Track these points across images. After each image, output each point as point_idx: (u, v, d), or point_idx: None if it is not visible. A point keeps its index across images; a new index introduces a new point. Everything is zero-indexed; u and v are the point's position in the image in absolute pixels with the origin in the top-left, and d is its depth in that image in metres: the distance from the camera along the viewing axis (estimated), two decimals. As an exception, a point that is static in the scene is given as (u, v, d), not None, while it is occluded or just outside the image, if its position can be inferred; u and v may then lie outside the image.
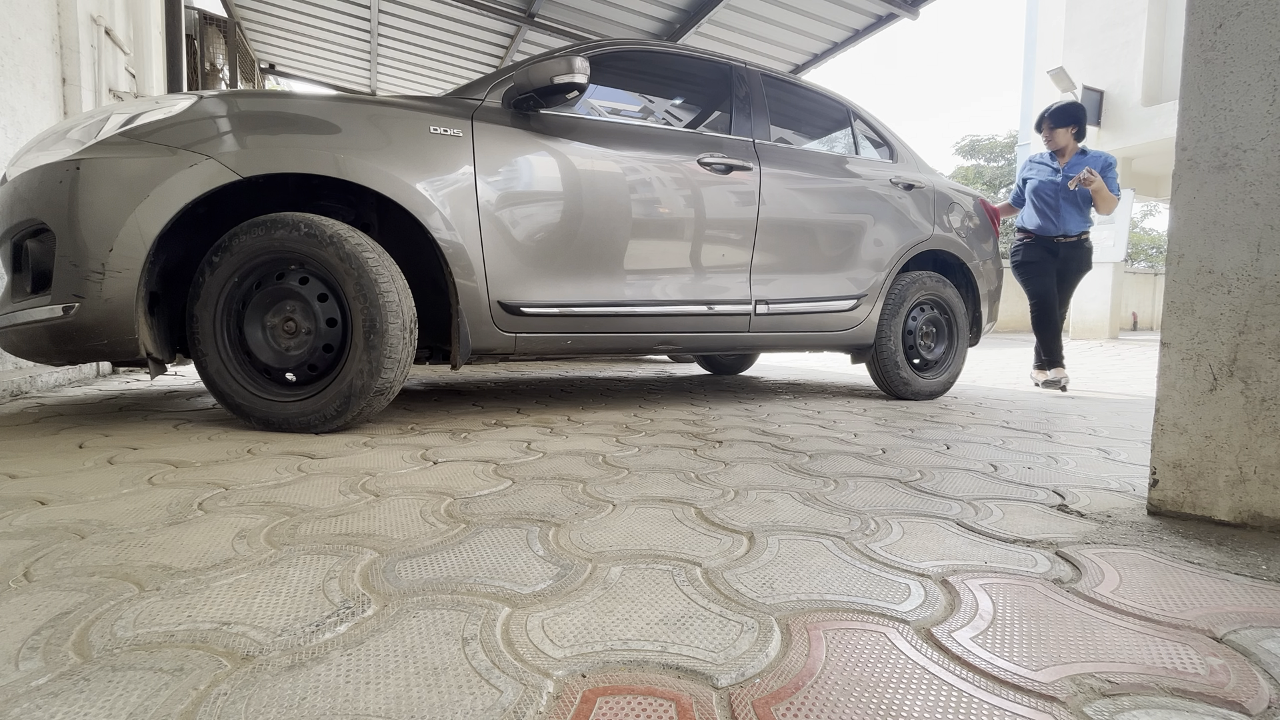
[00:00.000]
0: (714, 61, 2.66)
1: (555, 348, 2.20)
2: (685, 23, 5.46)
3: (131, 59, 3.69)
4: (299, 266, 1.83)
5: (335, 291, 1.83)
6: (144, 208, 1.65)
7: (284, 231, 1.77)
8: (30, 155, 1.76)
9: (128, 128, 1.69)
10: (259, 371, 1.86)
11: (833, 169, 2.81)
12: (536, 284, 2.10)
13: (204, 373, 1.81)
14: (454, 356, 2.02)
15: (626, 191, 2.26)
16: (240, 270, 1.79)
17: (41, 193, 1.66)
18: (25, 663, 0.60)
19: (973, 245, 3.17)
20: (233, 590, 0.76)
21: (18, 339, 1.77)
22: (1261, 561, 0.92)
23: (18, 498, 1.14)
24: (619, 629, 0.69)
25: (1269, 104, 1.02)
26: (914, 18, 5.30)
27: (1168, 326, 1.12)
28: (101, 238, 1.63)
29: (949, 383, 3.16)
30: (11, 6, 2.69)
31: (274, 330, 1.84)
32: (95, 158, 1.65)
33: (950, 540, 1.01)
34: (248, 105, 1.78)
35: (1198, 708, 0.57)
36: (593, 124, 2.27)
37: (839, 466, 1.53)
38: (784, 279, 2.63)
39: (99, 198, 1.64)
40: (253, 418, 1.82)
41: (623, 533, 1.01)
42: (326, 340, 1.84)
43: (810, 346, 2.84)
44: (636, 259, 2.29)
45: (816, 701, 0.57)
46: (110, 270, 1.64)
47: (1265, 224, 1.02)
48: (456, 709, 0.54)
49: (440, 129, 1.96)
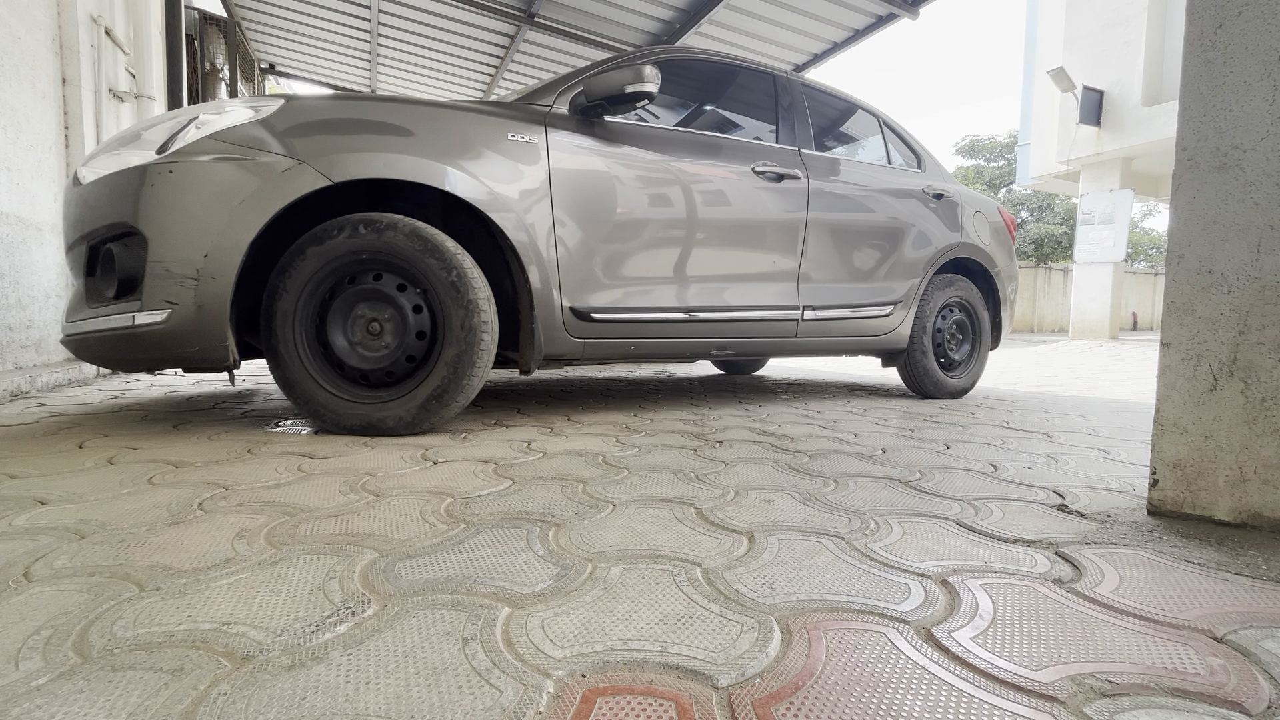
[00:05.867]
0: (758, 70, 2.71)
1: (620, 353, 2.22)
2: (685, 23, 5.46)
3: (131, 59, 3.69)
4: (385, 268, 1.82)
5: (425, 295, 1.83)
6: (239, 212, 1.62)
7: (374, 233, 1.76)
8: (105, 158, 1.73)
9: (218, 130, 1.66)
10: (336, 373, 1.84)
11: (871, 178, 2.88)
12: (605, 290, 2.13)
13: (282, 374, 1.77)
14: (526, 361, 2.04)
15: (688, 199, 2.29)
16: (323, 271, 1.77)
17: (131, 196, 1.62)
18: (25, 663, 0.60)
19: (994, 251, 3.28)
20: (233, 590, 0.76)
21: (99, 346, 1.71)
22: (1261, 561, 0.92)
23: (18, 498, 1.14)
24: (619, 629, 0.69)
25: (1269, 104, 1.02)
26: (914, 18, 5.30)
27: (1168, 326, 1.12)
28: (196, 243, 1.61)
29: (973, 382, 3.28)
30: (11, 6, 2.69)
31: (357, 332, 1.82)
32: (189, 161, 1.62)
33: (950, 540, 1.01)
34: (334, 109, 1.77)
35: (1198, 708, 0.57)
36: (654, 132, 2.30)
37: (839, 466, 1.53)
38: (828, 285, 2.70)
39: (194, 202, 1.61)
40: (332, 421, 1.79)
41: (623, 533, 1.01)
42: (414, 343, 1.84)
43: (848, 351, 2.91)
44: (696, 265, 2.33)
45: (816, 701, 0.57)
46: (205, 276, 1.61)
47: (1265, 224, 1.02)
48: (456, 709, 0.54)
49: (517, 136, 1.97)
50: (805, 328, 2.64)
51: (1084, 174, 11.50)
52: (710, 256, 2.36)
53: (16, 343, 2.71)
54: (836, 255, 2.70)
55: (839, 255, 2.71)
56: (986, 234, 3.26)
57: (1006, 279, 3.34)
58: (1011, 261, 3.41)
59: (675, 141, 2.32)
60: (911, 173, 3.11)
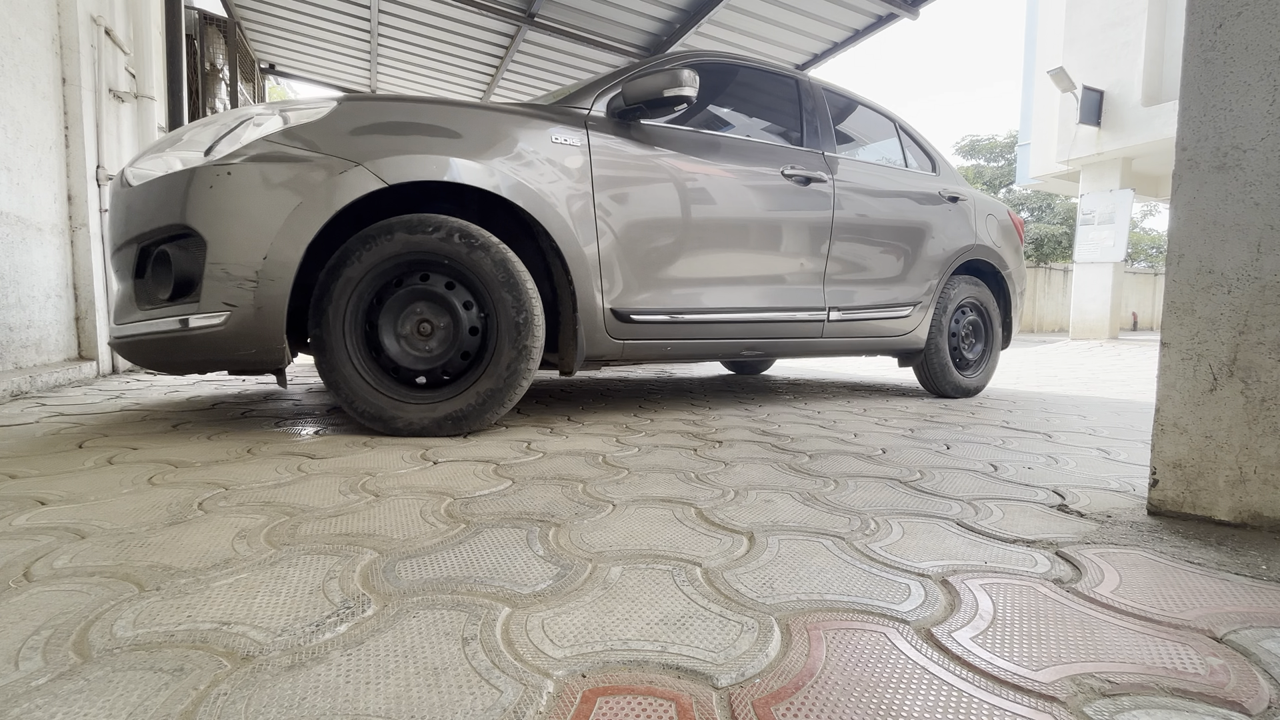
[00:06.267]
0: (782, 74, 2.75)
1: (656, 354, 2.25)
2: (685, 22, 5.46)
3: (131, 59, 3.69)
4: (432, 268, 1.82)
5: (476, 296, 1.85)
6: (297, 214, 1.62)
7: (426, 234, 1.77)
8: (151, 160, 1.72)
9: (273, 132, 1.66)
10: (386, 374, 1.84)
11: (891, 181, 2.93)
12: (644, 292, 2.15)
13: (331, 374, 1.76)
14: (569, 363, 2.06)
15: (722, 201, 2.32)
16: (374, 271, 1.77)
17: (188, 197, 1.61)
18: (25, 663, 0.60)
19: (1005, 253, 3.34)
20: (233, 590, 0.76)
21: (151, 349, 1.70)
22: (1261, 561, 0.92)
23: (18, 497, 1.14)
24: (619, 629, 0.69)
25: (1269, 104, 1.02)
26: (914, 18, 5.30)
27: (1168, 326, 1.12)
28: (256, 245, 1.60)
29: (986, 380, 3.37)
30: (11, 6, 2.69)
31: (408, 333, 1.83)
32: (248, 163, 1.62)
33: (950, 540, 1.01)
34: (387, 111, 1.77)
35: (1198, 708, 0.57)
36: (688, 135, 2.32)
37: (839, 466, 1.53)
38: (852, 287, 2.75)
39: (253, 204, 1.61)
40: (379, 421, 1.79)
41: (623, 533, 1.01)
42: (466, 345, 1.85)
43: (868, 351, 2.96)
44: (730, 266, 2.36)
45: (816, 701, 0.57)
46: (264, 278, 1.61)
47: (1265, 224, 1.02)
48: (456, 709, 0.54)
49: (561, 139, 1.99)
50: (830, 328, 2.69)
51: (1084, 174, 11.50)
52: (743, 258, 2.40)
53: (16, 343, 2.71)
54: (860, 257, 2.75)
55: (862, 257, 2.76)
56: (998, 236, 3.31)
57: (1016, 280, 3.42)
58: (1021, 262, 3.49)
59: (708, 144, 2.35)
60: (927, 176, 3.16)
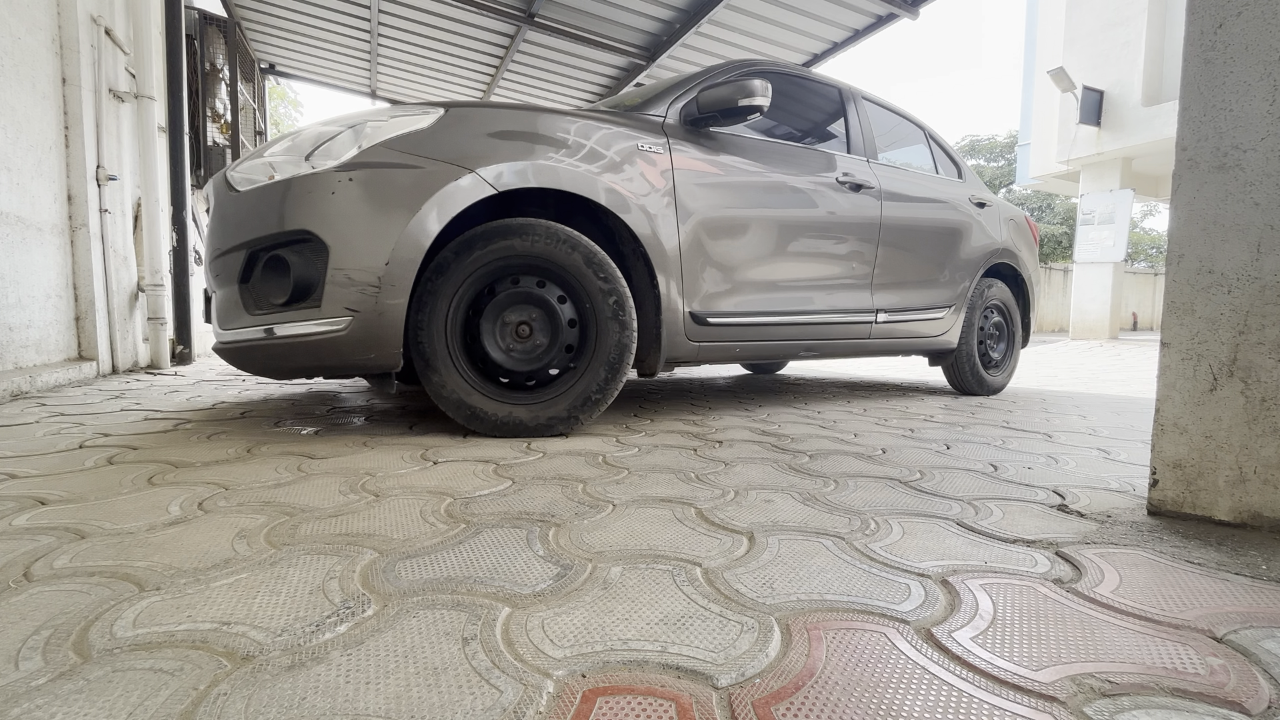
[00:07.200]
0: (826, 83, 2.84)
1: (725, 355, 2.31)
2: (685, 23, 5.47)
3: (131, 59, 3.69)
4: (525, 272, 1.85)
5: (572, 298, 1.89)
6: (418, 220, 1.64)
7: (530, 239, 1.80)
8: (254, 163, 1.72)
9: (389, 139, 1.67)
10: (483, 377, 1.87)
11: (928, 187, 3.03)
12: (719, 295, 2.21)
13: (432, 376, 1.78)
14: (652, 365, 2.12)
15: (786, 206, 2.39)
16: (475, 275, 1.79)
17: (308, 203, 1.62)
18: (25, 663, 0.60)
19: (1024, 256, 3.48)
20: (233, 590, 0.76)
21: (264, 354, 1.70)
22: (1261, 561, 0.92)
23: (18, 497, 1.14)
24: (619, 629, 0.69)
25: (1269, 104, 1.02)
26: (914, 18, 5.31)
27: (1168, 326, 1.12)
28: (379, 251, 1.62)
29: (1009, 378, 3.53)
30: (11, 6, 2.69)
31: (507, 336, 1.86)
32: (368, 169, 1.63)
33: (950, 540, 1.01)
34: (494, 119, 1.80)
35: (1198, 708, 0.57)
36: (752, 142, 2.38)
37: (839, 466, 1.53)
38: (896, 289, 2.83)
39: (376, 210, 1.62)
40: (479, 421, 1.81)
41: (623, 533, 1.01)
42: (566, 344, 1.89)
43: (905, 351, 3.05)
44: (793, 270, 2.44)
45: (816, 701, 0.57)
46: (386, 284, 1.63)
47: (1265, 224, 1.02)
48: (456, 709, 0.54)
49: (647, 146, 2.04)
50: (877, 329, 2.78)
51: (1084, 174, 11.50)
52: (805, 262, 2.47)
53: (16, 342, 2.71)
54: (903, 261, 2.84)
55: (905, 261, 2.85)
56: (1017, 239, 3.44)
57: (1033, 281, 3.55)
58: (1036, 264, 3.61)
59: (770, 151, 2.42)
60: (957, 182, 3.27)
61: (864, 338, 2.75)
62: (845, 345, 2.71)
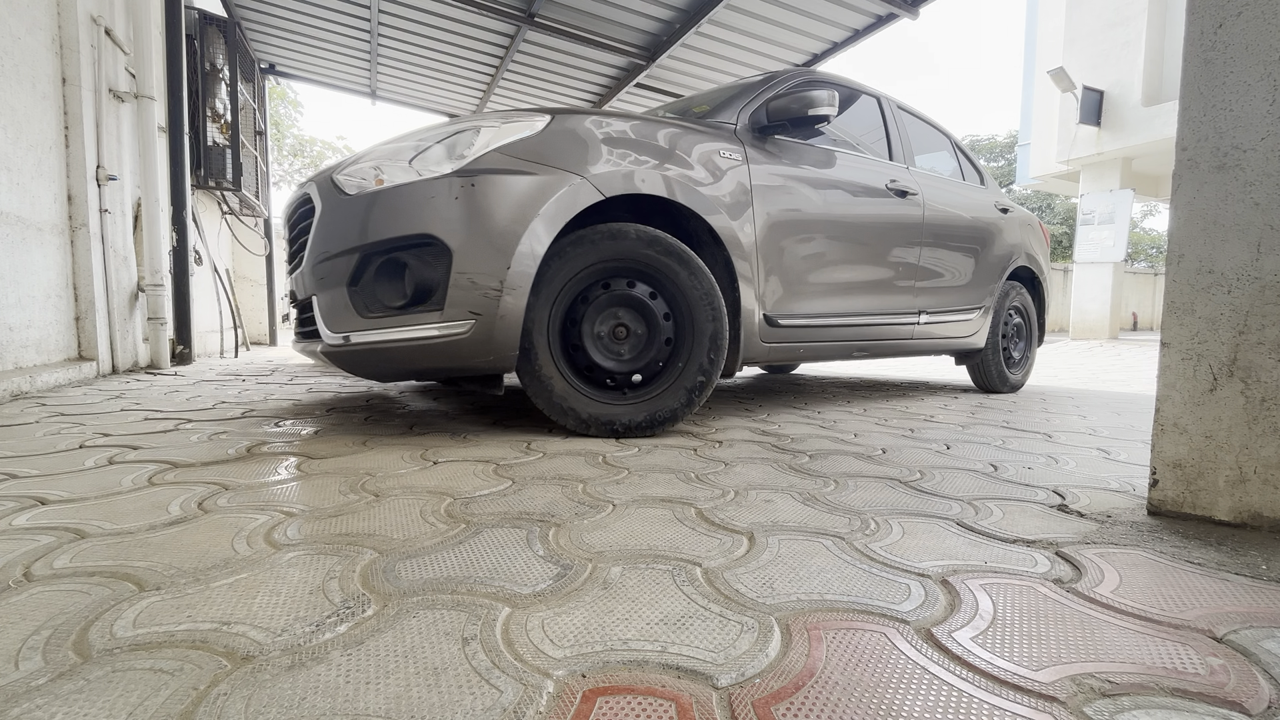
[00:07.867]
0: (866, 92, 2.91)
1: (790, 356, 2.37)
2: (685, 23, 5.46)
3: (131, 59, 3.69)
4: (617, 274, 1.88)
5: (667, 301, 1.93)
6: (536, 225, 1.68)
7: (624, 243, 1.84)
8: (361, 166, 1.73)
9: (504, 144, 1.70)
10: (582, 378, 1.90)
11: (961, 193, 3.15)
12: (790, 298, 2.28)
13: (534, 377, 1.81)
14: (730, 366, 2.15)
15: (848, 212, 2.47)
16: (577, 276, 1.84)
17: (430, 208, 1.64)
18: (25, 663, 0.60)
19: (1040, 259, 3.63)
20: (233, 590, 0.76)
21: (379, 357, 1.70)
22: (1261, 561, 0.92)
23: (18, 497, 1.14)
24: (619, 629, 0.69)
25: (1269, 104, 1.02)
26: (914, 18, 5.30)
27: (1168, 326, 1.12)
28: (501, 256, 1.65)
29: (1027, 376, 3.67)
30: (11, 6, 2.69)
31: (605, 338, 1.91)
32: (488, 174, 1.66)
33: (950, 540, 1.01)
34: (599, 126, 1.85)
35: (1198, 708, 0.57)
36: (814, 149, 2.44)
37: (839, 466, 1.53)
38: (935, 292, 2.94)
39: (498, 214, 1.65)
40: (576, 420, 1.84)
41: (623, 533, 1.01)
42: (666, 339, 1.93)
43: (938, 351, 3.16)
44: (854, 273, 2.52)
45: (816, 701, 0.57)
46: (508, 288, 1.66)
47: (1265, 224, 1.02)
48: (456, 709, 0.54)
49: (727, 154, 2.10)
50: (919, 330, 2.88)
51: (1084, 174, 11.50)
52: (861, 266, 2.55)
53: (16, 342, 2.71)
54: (941, 265, 2.93)
55: (943, 265, 2.94)
56: (1035, 243, 3.58)
57: (1047, 284, 3.70)
58: (1049, 267, 3.75)
59: (830, 159, 2.48)
60: (982, 188, 3.38)
61: (908, 338, 2.84)
62: (891, 345, 2.80)
